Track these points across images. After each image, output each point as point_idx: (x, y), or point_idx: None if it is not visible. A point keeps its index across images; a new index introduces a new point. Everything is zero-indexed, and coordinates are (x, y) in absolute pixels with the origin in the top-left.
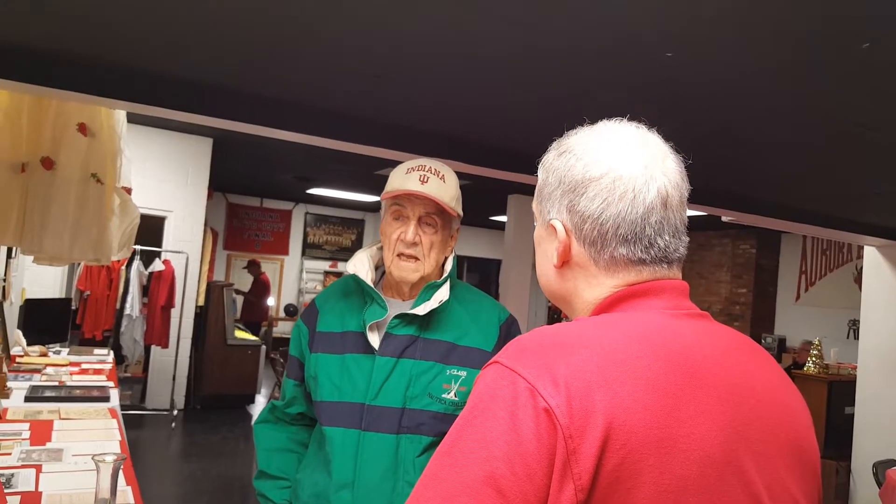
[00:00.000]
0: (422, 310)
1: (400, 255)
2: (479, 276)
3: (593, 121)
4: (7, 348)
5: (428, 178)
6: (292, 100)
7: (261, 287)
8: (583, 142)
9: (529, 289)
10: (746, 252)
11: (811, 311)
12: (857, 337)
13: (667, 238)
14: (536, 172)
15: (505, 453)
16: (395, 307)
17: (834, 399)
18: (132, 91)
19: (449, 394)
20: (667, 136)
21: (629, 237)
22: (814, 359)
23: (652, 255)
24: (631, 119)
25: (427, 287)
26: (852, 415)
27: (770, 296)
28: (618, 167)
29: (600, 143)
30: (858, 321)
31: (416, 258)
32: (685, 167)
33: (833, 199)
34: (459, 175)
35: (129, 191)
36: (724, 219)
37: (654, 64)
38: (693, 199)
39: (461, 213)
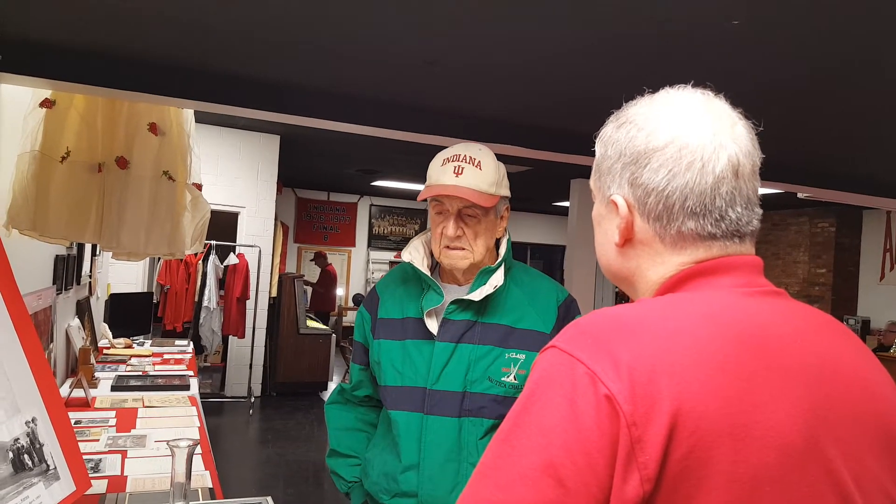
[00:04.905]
0: (477, 295)
1: (446, 247)
2: (544, 262)
3: (656, 91)
4: (94, 340)
5: (462, 168)
6: (353, 93)
7: (328, 278)
8: (644, 111)
9: (595, 274)
10: (825, 231)
11: None
12: None
13: (739, 210)
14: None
15: (564, 441)
16: (452, 293)
17: None
18: (196, 90)
19: (508, 377)
20: (734, 103)
21: (698, 210)
22: None
23: (723, 228)
24: (695, 86)
25: (482, 272)
26: None
27: (852, 276)
28: (684, 135)
29: (663, 111)
30: None
31: (463, 248)
32: (756, 135)
33: None
34: (520, 160)
35: (199, 187)
36: (800, 195)
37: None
38: (766, 175)
39: (506, 193)
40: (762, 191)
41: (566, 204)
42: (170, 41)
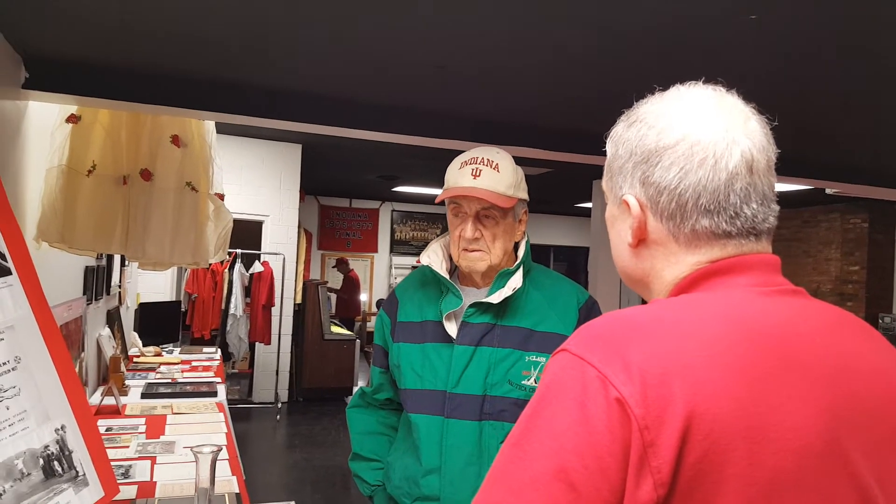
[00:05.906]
0: (496, 298)
1: (465, 249)
2: (568, 264)
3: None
4: (125, 349)
5: (480, 171)
6: (366, 100)
7: (351, 284)
8: (654, 109)
9: (620, 277)
10: (858, 227)
11: None
12: None
13: (754, 206)
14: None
15: (575, 446)
16: (471, 296)
17: None
18: (216, 102)
19: (529, 380)
20: (749, 98)
21: (712, 207)
22: None
23: (738, 226)
24: (707, 82)
25: (500, 274)
26: None
27: (887, 273)
28: (695, 132)
29: (673, 108)
30: None
31: (481, 250)
32: (771, 130)
33: None
34: (539, 163)
35: (221, 197)
36: (828, 191)
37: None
38: (792, 172)
39: (524, 196)
40: (789, 188)
41: (589, 205)
42: (189, 55)
